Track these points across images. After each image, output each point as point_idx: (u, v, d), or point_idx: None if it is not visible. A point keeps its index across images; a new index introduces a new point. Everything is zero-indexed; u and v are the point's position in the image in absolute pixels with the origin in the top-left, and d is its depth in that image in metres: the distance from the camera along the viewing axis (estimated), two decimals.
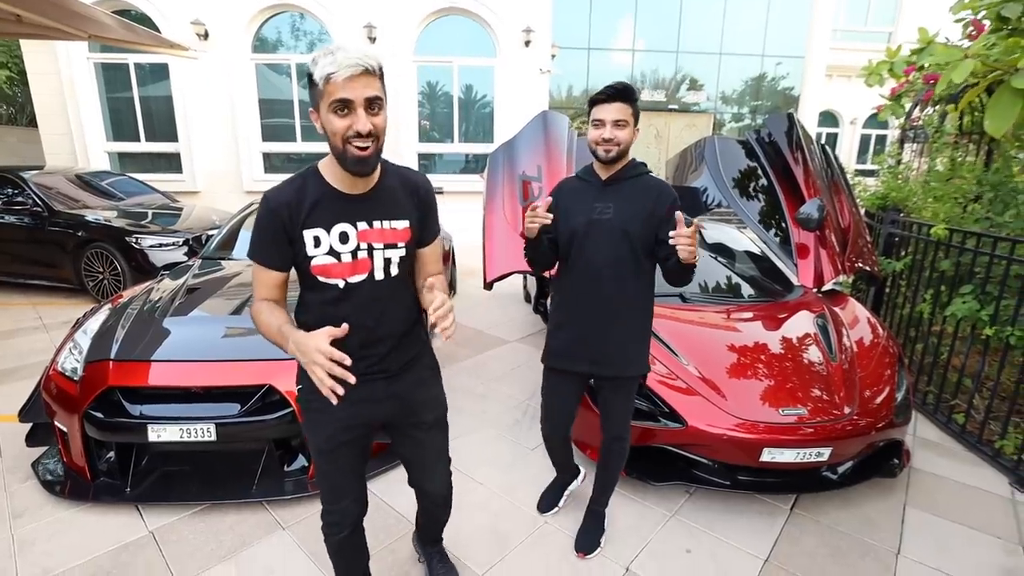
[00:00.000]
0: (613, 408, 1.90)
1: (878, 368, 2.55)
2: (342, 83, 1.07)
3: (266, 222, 1.21)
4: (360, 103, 1.10)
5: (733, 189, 3.73)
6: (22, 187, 5.37)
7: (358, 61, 1.07)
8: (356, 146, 1.12)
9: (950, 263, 3.09)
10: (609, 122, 1.65)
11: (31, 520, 2.16)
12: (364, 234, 1.24)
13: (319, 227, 1.21)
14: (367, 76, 1.10)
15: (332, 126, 1.12)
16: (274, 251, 1.23)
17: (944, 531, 2.19)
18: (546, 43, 8.92)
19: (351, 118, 1.11)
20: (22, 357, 3.86)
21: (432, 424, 1.50)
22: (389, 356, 1.35)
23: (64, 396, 2.30)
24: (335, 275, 1.23)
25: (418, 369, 1.45)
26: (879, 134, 14.68)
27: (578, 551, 2.03)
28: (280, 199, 1.20)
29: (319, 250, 1.21)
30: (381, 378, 1.35)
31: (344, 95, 1.08)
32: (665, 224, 1.66)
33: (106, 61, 8.45)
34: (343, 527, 1.46)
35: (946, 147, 4.22)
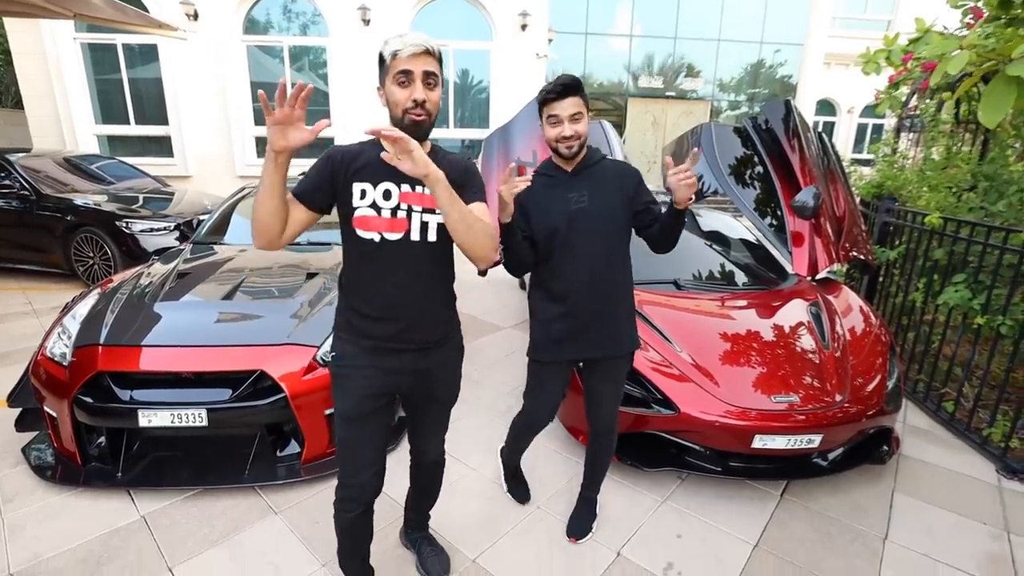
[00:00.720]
0: (605, 396, 1.90)
1: (870, 356, 2.56)
2: (406, 59, 1.24)
3: (319, 164, 1.35)
4: (419, 75, 1.27)
5: (729, 176, 3.71)
6: (9, 170, 5.28)
7: (421, 42, 1.25)
8: (413, 114, 1.28)
9: (943, 252, 3.09)
10: (566, 118, 1.65)
11: (22, 505, 2.15)
12: (406, 196, 1.33)
13: (367, 181, 1.32)
14: (427, 56, 1.27)
15: (394, 96, 1.28)
16: (311, 187, 1.33)
17: (931, 517, 2.22)
18: (543, 27, 8.80)
19: (410, 88, 1.26)
20: (12, 342, 3.82)
21: (446, 400, 1.60)
22: (424, 328, 1.41)
23: (53, 381, 2.27)
24: (373, 227, 1.32)
25: (447, 349, 1.51)
26: (876, 123, 14.66)
27: (570, 536, 2.05)
28: (339, 149, 1.36)
29: (363, 202, 1.32)
30: (411, 351, 1.41)
31: (406, 67, 1.25)
32: (637, 198, 1.76)
33: (93, 41, 8.26)
34: (358, 504, 1.47)
35: (942, 136, 4.21)
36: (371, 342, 1.39)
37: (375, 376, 1.40)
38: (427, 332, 1.43)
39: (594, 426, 1.96)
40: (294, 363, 2.28)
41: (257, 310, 2.63)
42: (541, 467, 2.48)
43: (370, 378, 1.40)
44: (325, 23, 8.46)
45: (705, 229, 3.80)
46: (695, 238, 3.69)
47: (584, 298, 1.76)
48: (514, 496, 2.27)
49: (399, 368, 1.42)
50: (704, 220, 3.91)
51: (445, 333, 1.49)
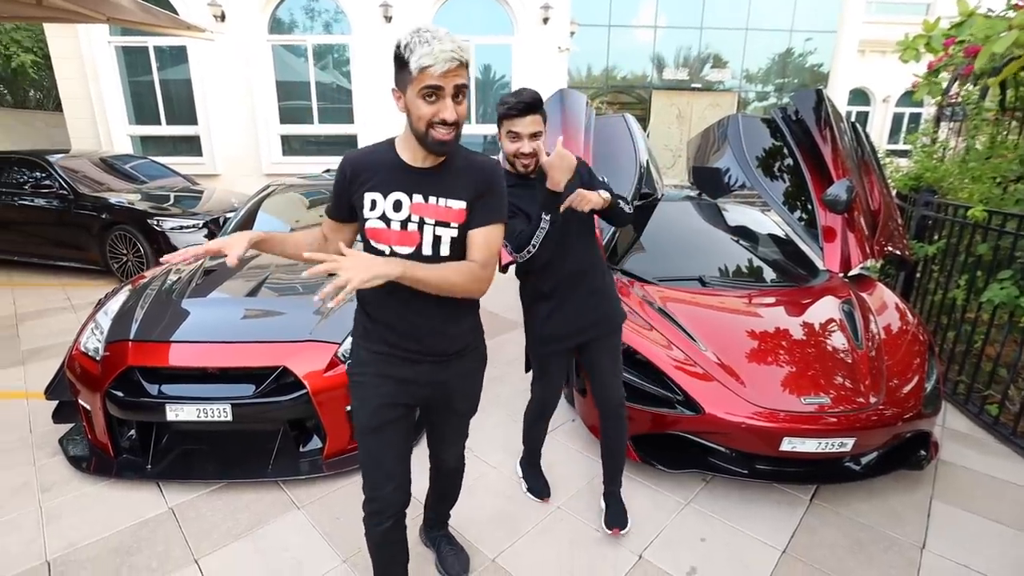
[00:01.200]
0: (606, 370, 1.96)
1: (906, 356, 2.45)
2: (438, 76, 1.11)
3: (337, 175, 1.31)
4: (449, 92, 1.15)
5: (757, 169, 3.60)
6: (49, 171, 5.49)
7: (454, 56, 1.10)
8: (440, 131, 1.17)
9: (988, 247, 2.94)
10: (526, 136, 1.67)
11: (59, 494, 2.24)
12: (417, 207, 1.25)
13: (377, 191, 1.25)
14: (460, 68, 1.14)
15: (419, 111, 1.16)
16: (335, 204, 1.33)
17: (973, 526, 2.11)
18: (565, 20, 8.70)
19: (439, 105, 1.15)
20: (52, 336, 3.97)
21: (464, 412, 1.55)
22: (441, 339, 1.36)
23: (87, 375, 2.35)
24: (383, 240, 1.26)
25: (468, 360, 1.45)
26: (913, 112, 14.09)
27: (611, 528, 2.01)
28: (349, 157, 1.29)
29: (373, 213, 1.25)
30: (428, 362, 1.36)
31: (436, 83, 1.12)
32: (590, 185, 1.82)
33: (127, 44, 8.52)
34: (385, 516, 1.40)
35: (986, 124, 4.00)
36: (386, 350, 1.34)
37: (390, 385, 1.35)
38: (444, 345, 1.37)
39: (603, 405, 1.99)
40: (316, 359, 2.30)
41: (281, 307, 2.67)
42: (562, 467, 2.45)
43: (385, 387, 1.35)
44: (347, 21, 8.54)
45: (732, 224, 3.69)
46: (721, 233, 3.59)
47: (572, 288, 1.87)
48: (533, 494, 2.25)
49: (415, 379, 1.36)
50: (731, 215, 3.81)
51: (465, 344, 1.42)
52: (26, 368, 3.44)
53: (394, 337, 1.33)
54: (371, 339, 1.36)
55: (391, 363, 1.35)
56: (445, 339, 1.37)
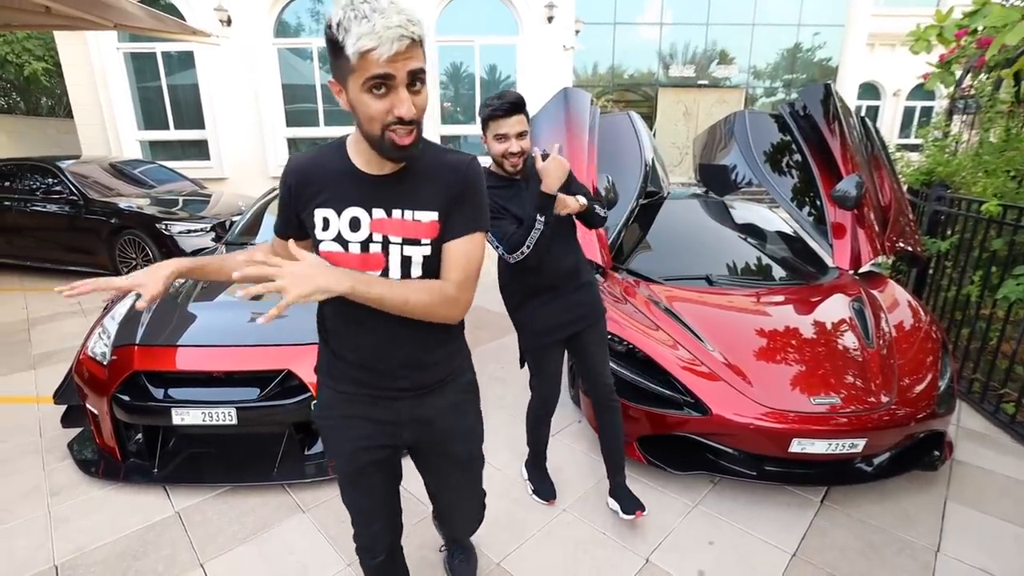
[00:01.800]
0: (596, 357, 2.02)
1: (919, 355, 2.40)
2: (384, 61, 0.86)
3: (281, 189, 1.10)
4: (403, 80, 0.90)
5: (764, 165, 3.55)
6: (60, 177, 5.56)
7: (403, 32, 0.85)
8: (397, 133, 0.93)
9: (1003, 242, 2.87)
10: (513, 136, 1.71)
11: (67, 498, 2.25)
12: (379, 224, 1.03)
13: (330, 207, 1.03)
14: (412, 47, 0.88)
15: (367, 109, 0.91)
16: (282, 222, 1.13)
17: (989, 528, 2.06)
18: (569, 18, 8.66)
19: (391, 99, 0.90)
20: (62, 340, 4.02)
21: (464, 459, 1.31)
22: (413, 372, 1.15)
23: (94, 380, 2.36)
24: (342, 265, 1.02)
25: (451, 391, 1.22)
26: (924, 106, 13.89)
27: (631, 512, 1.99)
28: (293, 165, 1.09)
29: (327, 234, 1.04)
30: (403, 398, 1.16)
31: (384, 70, 0.87)
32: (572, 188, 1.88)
33: (135, 51, 8.61)
34: (376, 552, 1.29)
35: (1000, 117, 3.92)
36: (352, 388, 1.14)
37: (365, 427, 1.16)
38: (420, 377, 1.16)
39: (596, 395, 2.04)
40: None
41: None
42: (567, 469, 2.43)
43: (358, 428, 1.16)
44: None
45: (739, 222, 3.65)
46: (729, 231, 3.55)
47: (562, 283, 1.94)
48: (539, 496, 2.23)
49: (392, 418, 1.16)
50: (738, 212, 3.76)
51: (447, 373, 1.20)
52: (37, 372, 3.48)
53: (362, 374, 1.13)
54: (335, 377, 1.16)
55: (360, 402, 1.15)
56: (420, 370, 1.15)
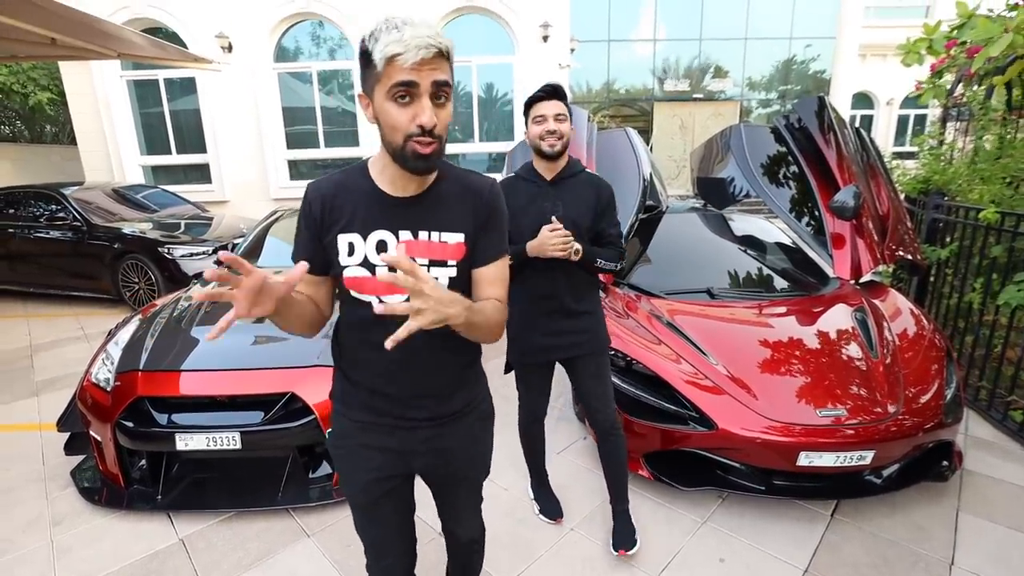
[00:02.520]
0: (597, 392, 1.93)
1: (924, 363, 2.39)
2: (409, 67, 0.89)
3: (301, 216, 1.06)
4: (427, 89, 0.91)
5: (762, 178, 3.58)
6: (63, 203, 5.61)
7: (430, 41, 0.88)
8: (419, 143, 0.93)
9: (1002, 248, 2.88)
10: (551, 116, 1.73)
11: (70, 527, 2.23)
12: (408, 247, 1.03)
13: (354, 231, 1.02)
14: (439, 59, 0.91)
15: (390, 117, 0.93)
16: (307, 246, 1.06)
17: (1003, 539, 2.03)
18: (564, 37, 8.80)
19: (414, 107, 0.92)
20: (65, 367, 4.02)
21: (473, 479, 1.31)
22: (434, 400, 1.14)
23: (97, 406, 2.36)
24: (367, 291, 1.03)
25: (469, 419, 1.20)
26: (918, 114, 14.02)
27: (617, 549, 1.96)
28: (315, 191, 1.05)
29: (352, 259, 1.03)
30: (424, 427, 1.14)
31: (409, 77, 0.89)
32: (604, 215, 1.85)
33: (137, 78, 8.75)
34: None
35: (993, 124, 3.96)
36: (368, 416, 1.13)
37: (378, 457, 1.14)
38: (439, 406, 1.14)
39: (599, 426, 1.97)
40: (324, 384, 2.27)
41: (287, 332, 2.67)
42: (573, 487, 2.41)
43: (373, 460, 1.14)
44: (351, 47, 8.71)
45: (739, 234, 3.67)
46: (728, 244, 3.57)
47: (550, 303, 1.85)
48: (545, 515, 2.21)
49: (406, 448, 1.15)
50: (737, 225, 3.78)
51: (465, 403, 1.19)
52: (40, 399, 3.47)
53: (380, 402, 1.11)
54: (350, 405, 1.15)
55: (375, 431, 1.13)
56: (441, 399, 1.14)
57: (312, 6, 8.37)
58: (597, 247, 1.83)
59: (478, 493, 1.37)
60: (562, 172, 1.82)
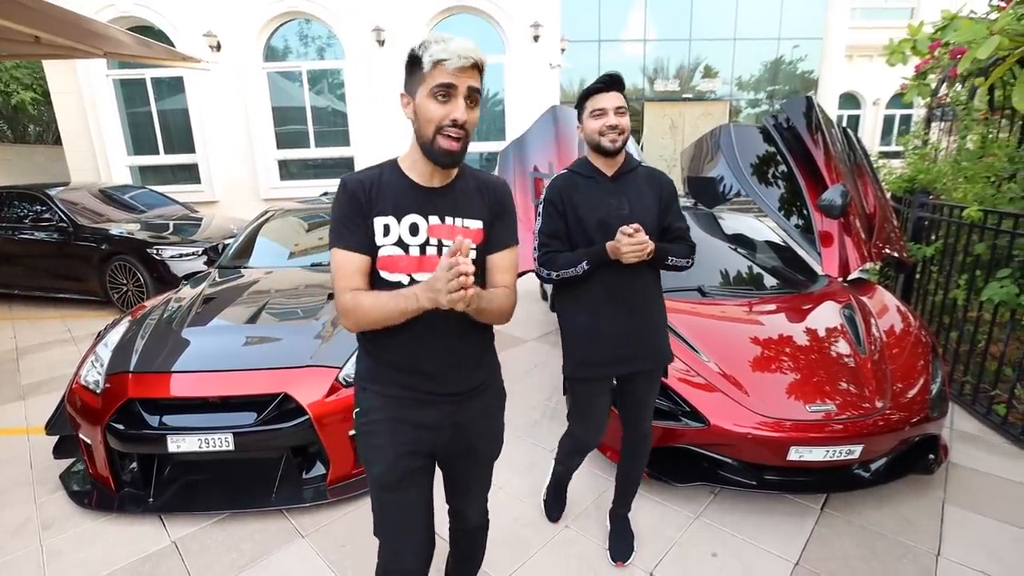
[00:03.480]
0: (645, 404, 1.84)
1: (910, 359, 2.44)
2: (451, 72, 1.07)
3: (346, 204, 1.16)
4: (462, 91, 1.10)
5: (751, 177, 3.61)
6: (48, 204, 5.53)
7: (471, 54, 1.07)
8: (448, 135, 1.10)
9: (985, 246, 2.94)
10: (611, 110, 1.63)
11: (60, 531, 2.21)
12: (435, 229, 1.18)
13: (390, 215, 1.16)
14: (475, 69, 1.11)
15: (428, 112, 1.10)
16: (359, 231, 1.16)
17: (988, 530, 2.08)
18: (555, 37, 8.82)
19: (450, 106, 1.10)
20: (52, 369, 3.96)
21: (485, 456, 1.39)
22: (456, 376, 1.25)
23: (87, 409, 2.33)
24: (401, 269, 1.17)
25: (486, 397, 1.33)
26: (904, 114, 14.20)
27: (616, 560, 1.96)
28: (357, 180, 1.18)
29: (388, 239, 1.16)
30: (447, 403, 1.24)
31: (450, 80, 1.08)
32: (670, 208, 1.75)
33: (124, 77, 8.64)
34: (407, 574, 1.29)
35: (976, 124, 4.04)
36: (399, 391, 1.22)
37: (408, 431, 1.22)
38: (461, 382, 1.25)
39: (631, 435, 1.89)
40: (317, 385, 2.29)
41: (280, 332, 2.66)
42: (571, 487, 2.40)
43: (403, 433, 1.22)
44: (340, 46, 8.67)
45: (728, 232, 3.70)
46: (719, 242, 3.60)
47: (619, 310, 1.69)
48: (547, 511, 2.22)
49: (433, 422, 1.24)
50: (727, 223, 3.82)
51: (482, 381, 1.30)
52: (26, 403, 3.43)
53: (407, 378, 1.22)
54: (382, 381, 1.23)
55: (406, 406, 1.22)
56: (468, 374, 1.26)
57: (300, 5, 8.32)
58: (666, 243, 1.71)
59: (489, 474, 1.44)
60: (622, 168, 1.72)
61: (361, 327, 1.16)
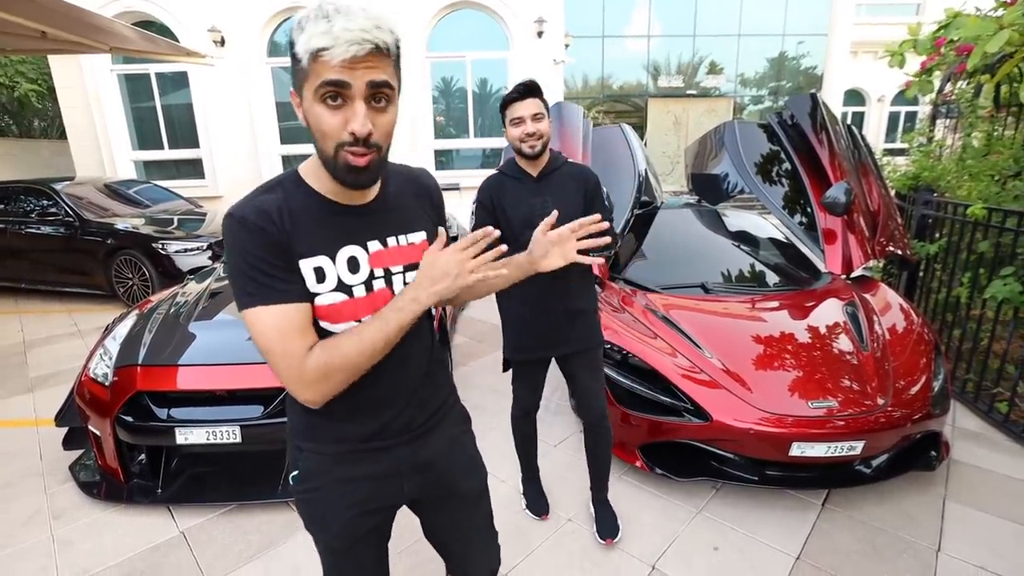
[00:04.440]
0: (588, 386, 1.96)
1: (913, 356, 2.44)
2: (338, 65, 0.75)
3: (253, 247, 0.83)
4: (361, 91, 0.78)
5: (755, 175, 3.62)
6: (55, 199, 5.56)
7: (364, 36, 0.75)
8: (353, 152, 0.81)
9: (989, 244, 2.94)
10: (528, 117, 1.72)
11: (70, 521, 2.24)
12: (378, 256, 0.91)
13: (320, 253, 0.87)
14: (376, 56, 0.77)
15: (319, 122, 0.80)
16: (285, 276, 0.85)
17: (988, 526, 2.09)
18: (559, 33, 8.80)
19: (345, 112, 0.79)
20: (59, 363, 4.00)
21: (474, 496, 1.15)
22: (408, 410, 1.01)
23: (96, 401, 2.36)
24: (346, 317, 0.89)
25: (447, 424, 1.09)
26: (909, 111, 14.13)
27: (604, 538, 2.02)
28: (256, 210, 0.85)
29: (324, 286, 0.88)
30: (403, 444, 1.01)
31: (337, 76, 0.76)
32: (594, 203, 1.83)
33: (129, 72, 8.66)
34: None
35: (982, 121, 4.03)
36: (345, 447, 0.97)
37: (364, 488, 0.99)
38: (416, 413, 1.02)
39: (587, 417, 2.01)
40: None
41: None
42: (570, 479, 2.44)
43: (357, 492, 0.99)
44: None
45: (732, 230, 3.71)
46: (722, 239, 3.61)
47: (552, 298, 1.84)
48: (532, 511, 2.23)
49: (392, 471, 1.01)
50: (731, 220, 3.82)
51: (440, 404, 1.08)
52: (35, 395, 3.46)
53: (353, 428, 0.97)
54: (318, 438, 0.98)
55: (356, 462, 0.98)
56: (416, 405, 1.02)
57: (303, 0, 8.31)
58: None
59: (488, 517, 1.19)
60: (546, 168, 1.83)
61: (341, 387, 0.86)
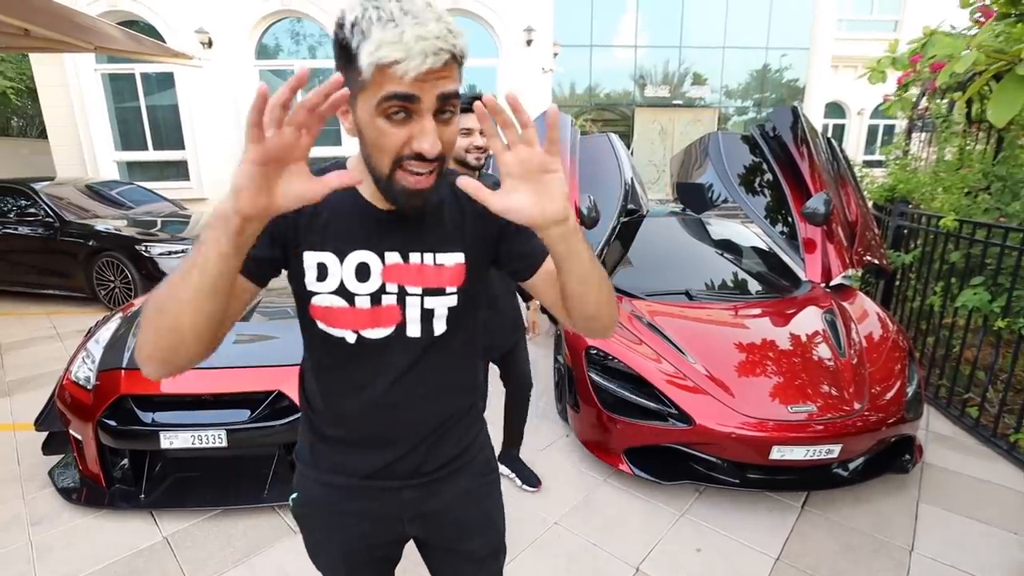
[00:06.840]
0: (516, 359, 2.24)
1: (888, 363, 2.52)
2: (411, 80, 0.64)
3: None
4: (429, 105, 0.67)
5: (739, 185, 3.70)
6: (34, 199, 5.46)
7: (440, 45, 0.63)
8: (414, 172, 0.70)
9: (960, 255, 3.05)
10: (477, 130, 1.75)
11: (49, 527, 2.20)
12: (393, 271, 0.80)
13: (327, 250, 0.78)
14: (450, 66, 0.67)
15: (379, 138, 0.68)
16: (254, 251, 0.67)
17: (959, 527, 2.17)
18: (548, 42, 8.91)
19: (411, 127, 0.68)
20: (37, 366, 3.92)
21: (483, 556, 1.01)
22: (416, 455, 0.88)
23: (78, 405, 2.33)
24: (341, 324, 0.81)
25: (465, 476, 0.94)
26: (887, 124, 14.51)
27: (533, 486, 2.37)
28: None
29: (323, 285, 0.79)
30: (410, 488, 0.90)
31: (408, 90, 0.65)
32: None
33: (113, 72, 8.56)
34: None
35: (955, 136, 4.17)
36: (344, 479, 0.89)
37: (361, 525, 0.91)
38: (427, 456, 0.89)
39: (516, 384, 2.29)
40: None
41: (273, 330, 2.68)
42: (558, 482, 2.47)
43: (353, 528, 0.91)
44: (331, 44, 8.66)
45: (716, 238, 3.79)
46: (706, 247, 3.68)
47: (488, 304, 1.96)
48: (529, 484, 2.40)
49: (393, 514, 0.91)
50: (715, 229, 3.90)
51: (460, 451, 0.93)
52: (12, 399, 3.39)
53: (355, 460, 0.88)
54: (319, 465, 0.90)
55: (355, 497, 0.90)
56: (429, 447, 0.89)
57: (293, 3, 8.30)
58: None
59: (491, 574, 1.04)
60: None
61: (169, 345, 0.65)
